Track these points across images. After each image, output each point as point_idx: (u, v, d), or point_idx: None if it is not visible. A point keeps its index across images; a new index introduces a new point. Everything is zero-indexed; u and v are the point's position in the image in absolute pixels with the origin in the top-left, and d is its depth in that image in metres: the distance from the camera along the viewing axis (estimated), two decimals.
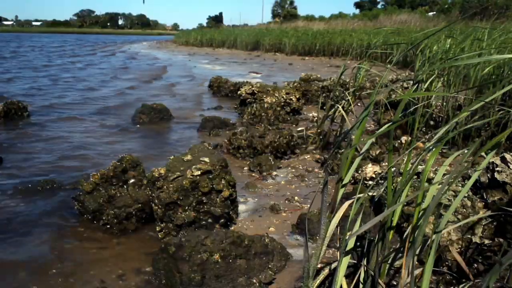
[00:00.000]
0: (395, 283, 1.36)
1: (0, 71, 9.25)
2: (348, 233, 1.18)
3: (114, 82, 8.11)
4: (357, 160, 1.24)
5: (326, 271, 1.38)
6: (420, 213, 1.21)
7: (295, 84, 5.42)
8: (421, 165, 1.71)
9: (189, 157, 1.99)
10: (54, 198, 2.36)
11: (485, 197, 1.50)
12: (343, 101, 3.16)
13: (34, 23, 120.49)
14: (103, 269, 1.68)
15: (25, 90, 6.61)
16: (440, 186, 1.10)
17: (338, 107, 2.92)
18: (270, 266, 1.60)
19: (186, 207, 1.88)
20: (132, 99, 6.05)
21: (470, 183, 1.12)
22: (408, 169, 1.25)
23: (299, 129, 3.67)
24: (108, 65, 12.31)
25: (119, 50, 22.24)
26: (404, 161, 1.28)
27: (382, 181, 1.93)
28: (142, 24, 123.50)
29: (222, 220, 1.94)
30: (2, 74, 8.67)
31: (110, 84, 7.79)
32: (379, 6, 46.43)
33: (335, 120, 3.30)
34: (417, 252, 1.14)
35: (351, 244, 1.18)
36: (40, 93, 6.36)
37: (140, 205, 2.02)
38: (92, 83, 7.75)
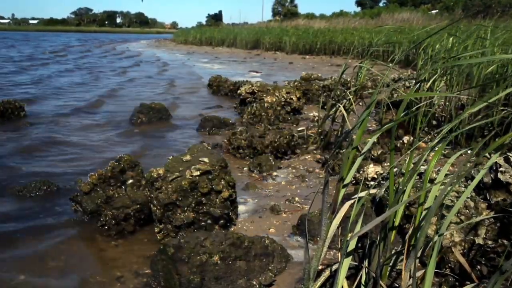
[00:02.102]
0: (397, 285, 1.34)
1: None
2: (349, 234, 1.16)
3: (103, 79, 8.11)
4: (358, 160, 1.22)
5: (327, 272, 1.36)
6: (422, 214, 1.19)
7: (296, 83, 5.40)
8: (423, 165, 1.69)
9: (188, 157, 1.97)
10: (51, 199, 2.34)
11: (488, 197, 1.48)
12: (344, 101, 3.14)
13: (31, 21, 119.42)
14: (101, 271, 1.66)
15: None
16: (443, 186, 1.07)
17: (339, 106, 2.90)
18: (270, 267, 1.58)
19: (185, 208, 1.86)
20: (127, 98, 6.02)
21: (473, 183, 1.10)
22: (410, 169, 1.23)
23: (300, 129, 3.65)
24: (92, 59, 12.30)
25: (112, 48, 22.35)
26: (406, 161, 1.26)
27: (384, 182, 1.91)
28: (140, 22, 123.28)
29: (221, 221, 1.92)
30: None
31: (103, 80, 7.79)
32: (380, 4, 46.26)
33: (336, 120, 3.28)
34: (419, 253, 1.12)
35: (352, 245, 1.16)
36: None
37: (138, 206, 2.00)
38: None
